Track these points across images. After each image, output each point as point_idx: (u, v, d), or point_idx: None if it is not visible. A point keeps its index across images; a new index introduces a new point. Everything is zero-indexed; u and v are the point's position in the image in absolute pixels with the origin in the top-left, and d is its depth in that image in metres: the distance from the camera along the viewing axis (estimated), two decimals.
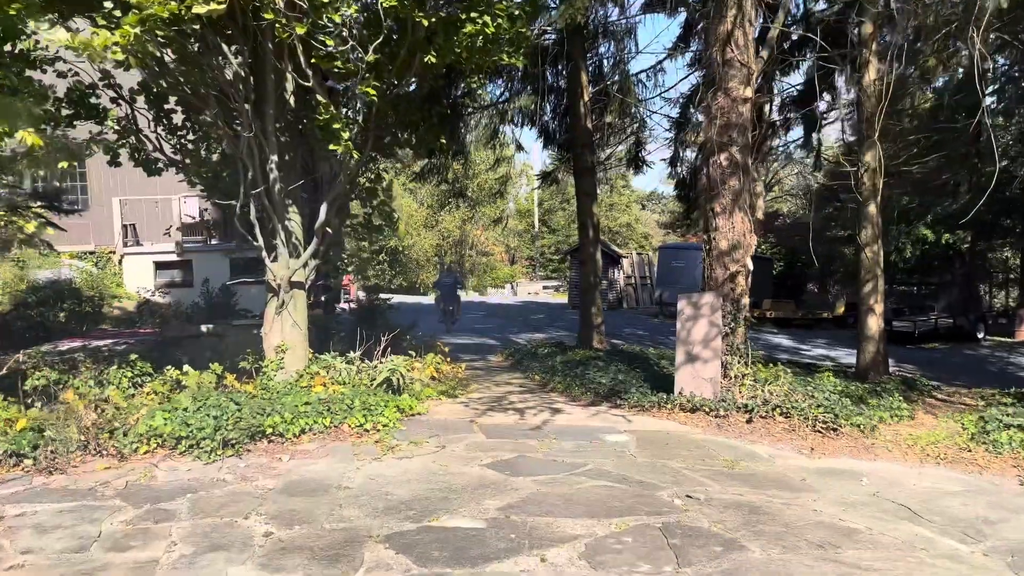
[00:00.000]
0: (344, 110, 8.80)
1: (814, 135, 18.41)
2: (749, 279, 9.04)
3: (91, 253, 20.83)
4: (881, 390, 10.96)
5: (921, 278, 29.39)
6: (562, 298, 39.62)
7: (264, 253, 8.41)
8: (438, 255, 52.86)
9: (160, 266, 21.00)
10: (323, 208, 8.28)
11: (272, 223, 8.25)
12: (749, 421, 7.87)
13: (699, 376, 8.60)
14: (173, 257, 20.86)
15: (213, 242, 21.29)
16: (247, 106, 7.54)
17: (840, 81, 17.40)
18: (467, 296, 45.91)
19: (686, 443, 7.28)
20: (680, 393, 8.58)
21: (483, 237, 56.54)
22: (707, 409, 8.23)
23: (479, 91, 9.69)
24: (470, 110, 15.29)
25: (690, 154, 18.20)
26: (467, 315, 27.34)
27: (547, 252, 55.63)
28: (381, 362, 9.34)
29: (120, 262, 20.85)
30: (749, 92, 8.84)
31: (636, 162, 17.49)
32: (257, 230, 8.27)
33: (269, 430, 6.76)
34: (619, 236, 48.55)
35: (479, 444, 7.05)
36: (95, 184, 22.54)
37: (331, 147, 7.36)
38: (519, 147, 16.73)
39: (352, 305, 32.87)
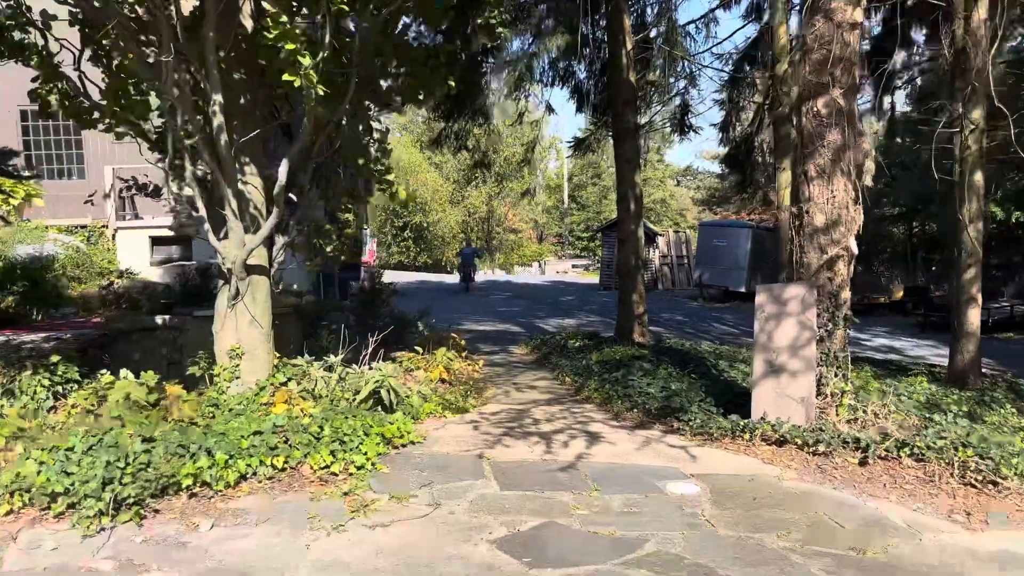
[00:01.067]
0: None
1: (886, 98, 15.91)
2: (851, 266, 6.77)
3: (83, 227, 18.99)
4: (990, 400, 8.70)
5: (986, 260, 26.67)
6: (592, 278, 37.33)
7: (206, 228, 6.31)
8: (464, 232, 50.73)
9: (157, 241, 19.09)
10: (282, 167, 6.15)
11: (220, 188, 6.15)
12: (864, 463, 5.66)
13: (785, 394, 6.39)
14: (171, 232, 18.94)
15: None
16: (172, 19, 5.40)
17: (918, 35, 14.87)
18: (492, 274, 43.78)
19: (781, 498, 5.10)
20: (763, 419, 6.37)
21: (510, 214, 54.29)
22: (800, 442, 6.02)
23: (498, 28, 7.44)
24: (491, 61, 13.05)
25: (737, 124, 15.85)
26: (491, 296, 25.26)
27: (576, 229, 53.24)
28: (371, 368, 7.26)
29: (113, 237, 18.98)
30: (859, 14, 6.52)
31: (682, 127, 15.16)
32: (198, 197, 6.18)
33: (189, 480, 4.70)
34: (653, 213, 46.00)
35: (489, 500, 4.93)
36: (92, 150, 20.67)
37: (285, 77, 5.22)
38: (549, 108, 14.49)
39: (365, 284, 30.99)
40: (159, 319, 8.12)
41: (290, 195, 6.70)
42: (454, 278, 37.86)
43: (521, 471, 5.51)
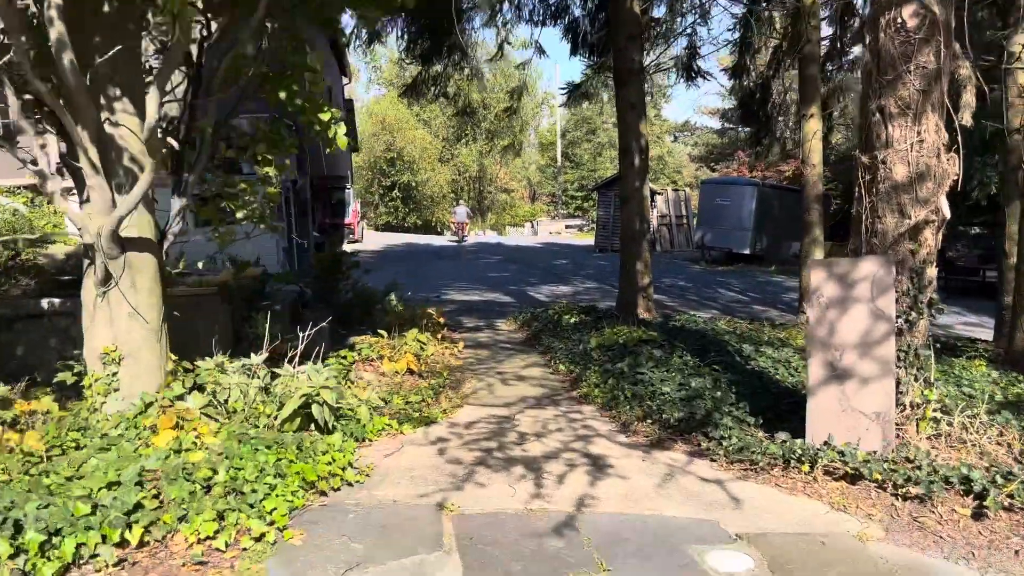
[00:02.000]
0: None
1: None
2: (940, 234, 5.04)
3: (27, 187, 17.09)
4: None
5: (991, 219, 24.96)
6: (587, 239, 35.55)
7: (53, 186, 4.51)
8: (454, 191, 48.70)
9: None
10: (150, 97, 4.32)
11: (74, 132, 4.33)
12: (979, 515, 4.00)
13: (853, 407, 4.72)
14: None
15: None
16: None
17: None
18: (484, 235, 41.92)
19: None
20: (827, 443, 4.67)
21: (502, 172, 52.20)
22: (881, 478, 4.36)
23: None
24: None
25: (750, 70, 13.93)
26: (480, 260, 23.51)
27: (570, 189, 51.24)
28: (319, 365, 5.52)
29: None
30: None
31: (690, 71, 13.26)
32: (37, 146, 4.38)
33: None
34: (649, 170, 44.06)
35: None
36: None
37: None
38: (540, 50, 12.54)
39: (359, 248, 29.09)
40: (45, 302, 6.39)
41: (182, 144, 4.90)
42: (444, 240, 36.04)
43: (497, 535, 3.82)
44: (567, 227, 41.22)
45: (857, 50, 12.98)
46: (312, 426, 4.90)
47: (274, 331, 7.05)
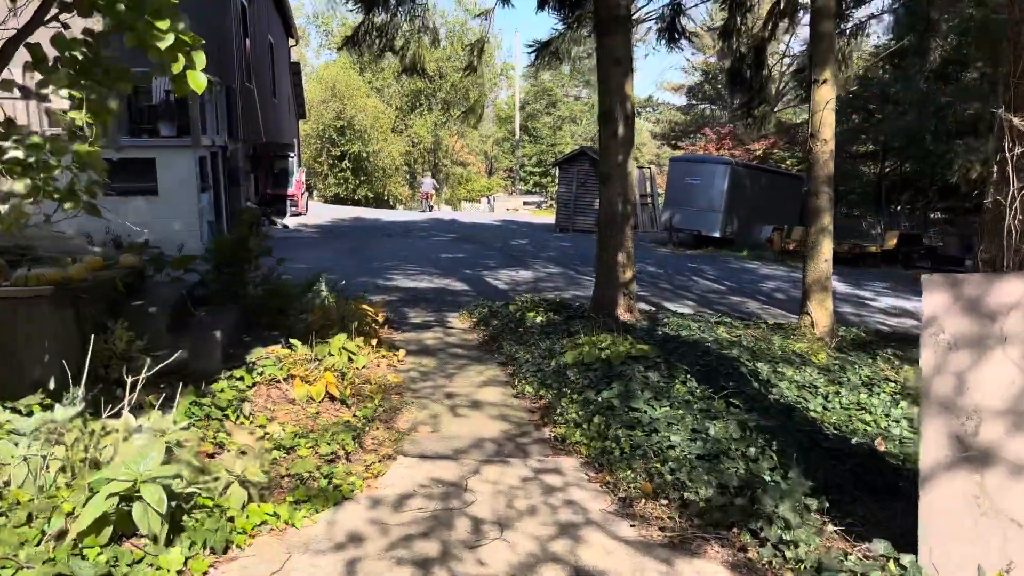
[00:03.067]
0: None
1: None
2: None
3: None
4: None
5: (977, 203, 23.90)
6: (546, 216, 33.75)
7: None
8: (408, 163, 46.32)
9: None
10: None
11: None
12: None
13: (999, 509, 3.01)
14: None
15: None
16: None
17: None
18: (438, 210, 39.79)
19: None
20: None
21: (458, 145, 49.93)
22: None
23: None
24: None
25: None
26: (433, 238, 21.52)
27: (528, 164, 49.29)
28: (170, 411, 3.58)
29: None
30: None
31: (673, 32, 11.43)
32: None
33: None
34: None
35: None
36: None
37: None
38: None
39: (303, 222, 26.76)
40: None
41: None
42: (397, 214, 33.82)
43: None
44: (525, 204, 39.36)
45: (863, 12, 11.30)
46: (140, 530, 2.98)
47: (146, 346, 5.10)
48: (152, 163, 14.16)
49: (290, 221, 25.24)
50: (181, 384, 4.67)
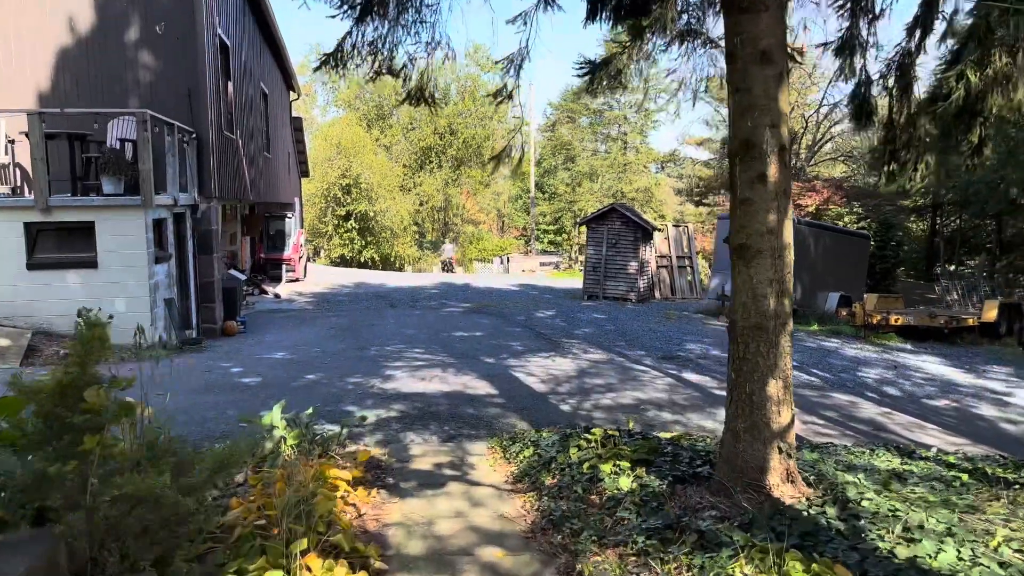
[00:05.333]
0: None
1: None
2: None
3: None
4: None
5: None
6: (566, 279, 30.54)
7: None
8: (416, 223, 43.50)
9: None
10: None
11: None
12: None
13: None
14: None
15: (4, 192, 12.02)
16: None
17: None
18: (448, 274, 36.73)
19: None
20: None
21: (469, 203, 47.23)
22: None
23: None
24: None
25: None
26: (444, 309, 18.28)
27: (542, 222, 46.36)
28: None
29: None
30: None
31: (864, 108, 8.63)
32: None
33: None
34: (635, 204, 39.53)
35: None
36: None
37: None
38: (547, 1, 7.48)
39: (298, 290, 23.60)
40: None
41: None
42: (404, 277, 30.72)
43: None
44: (541, 264, 36.23)
45: None
46: None
47: None
48: (91, 227, 11.05)
49: (283, 289, 22.10)
50: None
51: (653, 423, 8.05)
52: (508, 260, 38.84)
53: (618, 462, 5.33)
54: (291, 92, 28.50)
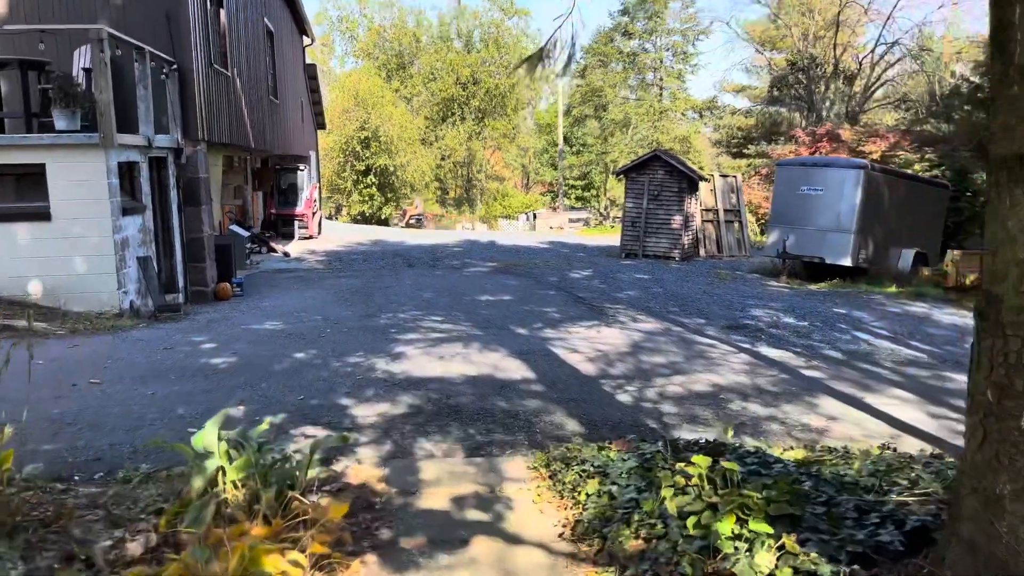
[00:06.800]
0: None
1: None
2: None
3: None
4: None
5: None
6: (599, 237, 28.30)
7: None
8: (439, 179, 41.30)
9: None
10: None
11: None
12: None
13: None
14: None
15: None
16: None
17: None
18: (472, 230, 34.62)
19: None
20: None
21: (493, 158, 44.85)
22: None
23: None
24: None
25: None
26: (467, 269, 16.25)
27: (569, 177, 43.85)
28: None
29: None
30: None
31: None
32: None
33: None
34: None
35: None
36: None
37: None
38: None
39: (311, 248, 21.61)
40: None
41: None
42: (424, 235, 28.67)
43: None
44: (571, 221, 33.97)
45: None
46: None
47: None
48: (42, 172, 9.09)
49: (294, 247, 20.18)
50: None
51: (744, 420, 6.02)
52: (535, 217, 36.60)
53: (744, 517, 3.29)
54: (304, 37, 26.20)
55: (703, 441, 4.79)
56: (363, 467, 4.66)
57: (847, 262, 15.20)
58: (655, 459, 4.28)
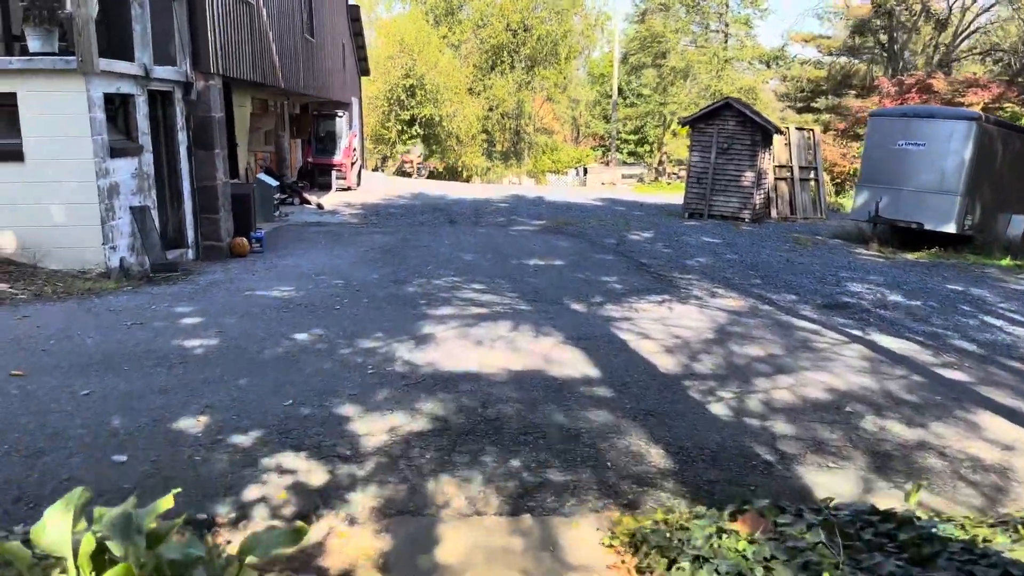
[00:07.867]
0: None
1: None
2: None
3: None
4: None
5: None
6: (655, 194, 26.19)
7: None
8: (486, 130, 39.29)
9: None
10: None
11: None
12: None
13: None
14: None
15: None
16: None
17: None
18: (519, 184, 32.73)
19: None
20: None
21: (543, 110, 42.55)
22: None
23: None
24: None
25: None
26: (513, 226, 14.52)
27: (622, 131, 41.31)
28: None
29: None
30: None
31: None
32: None
33: None
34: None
35: None
36: None
37: None
38: None
39: (347, 200, 20.07)
40: None
41: None
42: (468, 189, 26.93)
43: None
44: (624, 177, 31.78)
45: None
46: None
47: None
48: (14, 103, 7.60)
49: (329, 199, 18.65)
50: None
51: (887, 450, 4.31)
52: (585, 172, 34.46)
53: None
54: None
55: (877, 513, 3.07)
56: (355, 531, 3.09)
57: (951, 228, 13.04)
58: (815, 553, 2.59)
